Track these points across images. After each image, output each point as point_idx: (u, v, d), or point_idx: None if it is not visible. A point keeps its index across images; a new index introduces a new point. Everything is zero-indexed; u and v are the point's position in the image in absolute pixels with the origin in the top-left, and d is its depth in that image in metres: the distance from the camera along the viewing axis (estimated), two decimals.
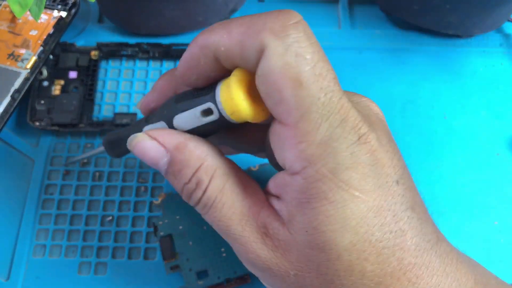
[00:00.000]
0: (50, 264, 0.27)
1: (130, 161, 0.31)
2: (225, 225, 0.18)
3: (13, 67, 0.30)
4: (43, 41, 0.31)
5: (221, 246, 0.26)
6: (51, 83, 0.32)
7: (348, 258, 0.16)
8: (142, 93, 0.33)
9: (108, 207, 0.29)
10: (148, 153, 0.19)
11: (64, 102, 0.31)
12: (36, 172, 0.30)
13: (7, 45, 0.31)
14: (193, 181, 0.18)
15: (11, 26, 0.32)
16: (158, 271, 0.27)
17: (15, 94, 0.29)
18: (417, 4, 0.33)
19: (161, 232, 0.27)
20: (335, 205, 0.16)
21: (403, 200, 0.17)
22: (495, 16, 0.33)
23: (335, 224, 0.16)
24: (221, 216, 0.18)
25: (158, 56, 0.34)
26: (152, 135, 0.19)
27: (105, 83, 0.33)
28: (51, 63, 0.33)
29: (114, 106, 0.32)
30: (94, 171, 0.30)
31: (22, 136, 0.31)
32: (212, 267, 0.26)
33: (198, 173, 0.18)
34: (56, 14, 0.32)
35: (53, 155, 0.31)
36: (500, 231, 0.29)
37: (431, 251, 0.17)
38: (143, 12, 0.33)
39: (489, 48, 0.35)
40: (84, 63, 0.33)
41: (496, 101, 0.33)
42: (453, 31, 0.35)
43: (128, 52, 0.34)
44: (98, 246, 0.28)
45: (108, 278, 0.27)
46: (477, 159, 0.31)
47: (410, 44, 0.35)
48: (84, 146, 0.31)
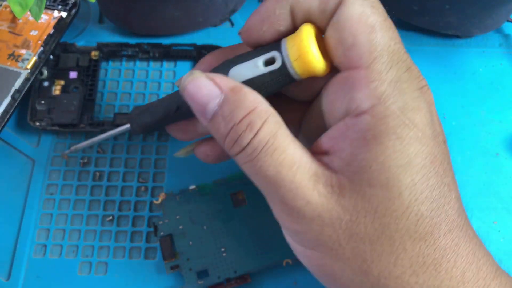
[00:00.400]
0: (50, 264, 0.27)
1: (130, 161, 0.31)
2: (275, 172, 0.18)
3: (14, 67, 0.30)
4: (43, 42, 0.31)
5: (221, 246, 0.26)
6: (51, 83, 0.32)
7: (407, 198, 0.17)
8: (142, 93, 0.33)
9: (108, 207, 0.29)
10: (201, 91, 0.18)
11: (64, 102, 0.31)
12: (37, 172, 0.30)
13: (7, 45, 0.31)
14: (244, 122, 0.18)
15: (12, 27, 0.32)
16: (158, 271, 0.27)
17: (15, 94, 0.29)
18: (416, 5, 0.33)
19: (161, 232, 0.27)
20: (402, 141, 0.16)
21: (448, 160, 0.18)
22: (495, 16, 0.33)
23: (401, 159, 0.16)
24: (271, 160, 0.18)
25: (158, 57, 0.34)
26: (209, 75, 0.19)
27: (105, 83, 0.33)
28: (52, 63, 0.33)
29: (115, 106, 0.32)
30: (94, 171, 0.30)
31: (22, 136, 0.31)
32: (212, 267, 0.26)
33: (251, 115, 0.18)
34: (57, 14, 0.32)
35: (53, 155, 0.31)
36: (500, 231, 0.29)
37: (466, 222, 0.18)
38: (143, 12, 0.33)
39: (488, 48, 0.35)
40: (84, 63, 0.33)
41: (495, 101, 0.33)
42: (452, 31, 0.35)
43: (129, 52, 0.34)
44: (98, 246, 0.28)
45: (108, 278, 0.27)
46: (477, 159, 0.31)
47: (410, 44, 0.35)
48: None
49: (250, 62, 0.19)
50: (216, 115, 0.18)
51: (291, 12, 0.19)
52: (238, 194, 0.28)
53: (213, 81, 0.18)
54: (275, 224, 0.27)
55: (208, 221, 0.27)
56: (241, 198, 0.28)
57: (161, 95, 0.33)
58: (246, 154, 0.18)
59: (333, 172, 0.18)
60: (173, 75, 0.34)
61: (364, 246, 0.17)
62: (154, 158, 0.31)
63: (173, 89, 0.33)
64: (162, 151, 0.31)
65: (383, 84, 0.17)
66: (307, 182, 0.17)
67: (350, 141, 0.17)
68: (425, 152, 0.17)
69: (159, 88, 0.33)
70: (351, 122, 0.17)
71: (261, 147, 0.18)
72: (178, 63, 0.34)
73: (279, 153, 0.18)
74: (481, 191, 0.30)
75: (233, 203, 0.28)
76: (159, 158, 0.31)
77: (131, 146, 0.31)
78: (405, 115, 0.17)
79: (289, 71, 0.19)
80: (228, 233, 0.27)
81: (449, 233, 0.17)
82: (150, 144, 0.31)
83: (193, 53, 0.34)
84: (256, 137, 0.18)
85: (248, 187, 0.28)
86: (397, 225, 0.17)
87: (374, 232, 0.17)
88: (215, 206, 0.27)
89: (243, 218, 0.27)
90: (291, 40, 0.19)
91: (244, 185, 0.28)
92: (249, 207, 0.27)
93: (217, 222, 0.27)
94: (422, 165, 0.17)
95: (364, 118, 0.17)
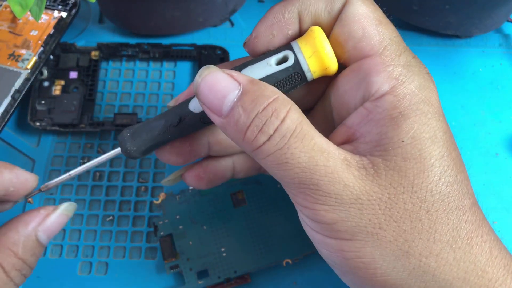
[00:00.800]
0: (50, 264, 0.27)
1: (130, 161, 0.31)
2: (308, 157, 0.17)
3: (14, 67, 0.30)
4: (43, 42, 0.31)
5: (221, 246, 0.26)
6: (51, 83, 0.32)
7: (438, 169, 0.17)
8: (142, 93, 0.33)
9: (108, 207, 0.29)
10: (219, 83, 0.18)
11: (64, 102, 0.31)
12: (37, 172, 0.30)
13: (7, 45, 0.31)
14: (268, 109, 0.17)
15: (12, 27, 0.32)
16: (158, 271, 0.27)
17: (15, 94, 0.29)
18: (416, 5, 0.33)
19: (161, 232, 0.27)
20: (426, 115, 0.18)
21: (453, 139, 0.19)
22: (495, 16, 0.33)
23: (428, 132, 0.18)
24: (303, 146, 0.17)
25: (158, 57, 0.34)
26: (225, 70, 0.18)
27: (105, 83, 0.33)
28: (52, 63, 0.33)
29: (115, 106, 0.32)
30: (94, 171, 0.30)
31: (22, 136, 0.31)
32: (212, 267, 0.26)
33: (275, 102, 0.17)
34: (57, 14, 0.32)
35: (53, 155, 0.31)
36: (500, 231, 0.29)
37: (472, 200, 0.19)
38: (143, 13, 0.33)
39: (488, 48, 0.35)
40: (84, 64, 0.33)
41: (495, 101, 0.33)
42: (452, 31, 0.35)
43: (129, 52, 0.34)
44: (98, 246, 0.28)
45: (108, 278, 0.27)
46: (477, 159, 0.31)
47: (410, 44, 0.35)
48: (85, 146, 0.31)
49: (262, 62, 0.19)
50: (235, 107, 0.18)
51: (299, 16, 0.20)
52: (238, 194, 0.28)
53: (230, 75, 0.18)
54: (275, 224, 0.27)
55: (208, 221, 0.27)
56: (241, 198, 0.28)
57: (161, 95, 0.33)
58: (274, 143, 0.17)
59: (362, 156, 0.18)
60: (173, 75, 0.34)
61: (404, 225, 0.17)
62: (154, 158, 0.31)
63: (173, 89, 0.33)
64: None
65: (398, 67, 0.18)
66: (340, 165, 0.17)
67: (376, 122, 0.18)
68: (443, 128, 0.18)
69: (159, 88, 0.33)
70: (373, 105, 0.18)
71: (290, 133, 0.17)
72: (178, 63, 0.34)
73: (309, 139, 0.17)
74: (481, 191, 0.30)
75: (233, 203, 0.28)
76: (159, 158, 0.31)
77: None
78: (422, 93, 0.18)
79: (303, 68, 0.19)
80: (228, 233, 0.27)
81: (472, 207, 0.18)
82: None
83: (193, 53, 0.34)
84: (283, 124, 0.17)
85: (248, 187, 0.28)
86: (433, 198, 0.17)
87: (412, 208, 0.17)
88: (215, 206, 0.27)
89: (243, 218, 0.27)
90: (303, 40, 0.19)
91: (244, 185, 0.28)
92: (249, 207, 0.27)
93: (217, 222, 0.27)
94: (444, 139, 0.18)
95: (387, 98, 0.18)
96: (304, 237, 0.20)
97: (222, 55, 0.33)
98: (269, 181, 0.28)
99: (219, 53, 0.34)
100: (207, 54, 0.34)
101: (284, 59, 0.19)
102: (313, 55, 0.19)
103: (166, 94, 0.33)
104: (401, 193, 0.17)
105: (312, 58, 0.19)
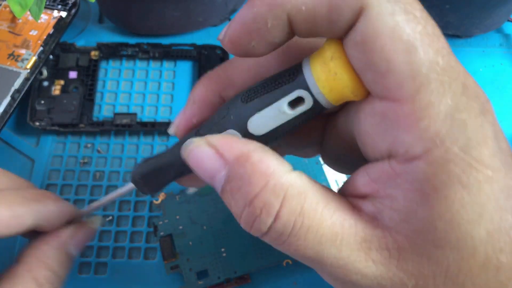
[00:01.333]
0: None
1: (129, 161, 0.31)
2: (314, 252, 0.15)
3: (13, 67, 0.30)
4: (43, 41, 0.31)
5: (221, 246, 0.26)
6: (51, 83, 0.32)
7: (484, 252, 0.14)
8: (142, 93, 0.33)
9: (108, 207, 0.29)
10: (204, 164, 0.16)
11: (64, 102, 0.31)
12: (36, 172, 0.30)
13: (7, 45, 0.31)
14: (256, 204, 0.14)
15: (11, 26, 0.32)
16: (158, 271, 0.27)
17: (15, 94, 0.29)
18: None
19: (161, 232, 0.27)
20: (470, 190, 0.13)
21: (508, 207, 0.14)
22: (495, 16, 0.33)
23: (472, 213, 0.13)
24: (307, 243, 0.14)
25: (158, 56, 0.34)
26: (212, 141, 0.16)
27: (105, 83, 0.33)
28: (51, 63, 0.33)
29: (114, 106, 0.32)
30: (94, 171, 0.30)
31: (22, 136, 0.31)
32: (212, 267, 0.26)
33: (263, 193, 0.14)
34: (56, 14, 0.32)
35: (53, 155, 0.31)
36: None
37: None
38: (143, 12, 0.33)
39: (489, 48, 0.35)
40: (84, 63, 0.33)
41: (496, 101, 0.33)
42: (453, 31, 0.35)
43: (128, 52, 0.34)
44: (98, 246, 0.28)
45: (108, 278, 0.27)
46: None
47: None
48: (84, 146, 0.31)
49: (272, 107, 0.15)
50: (224, 191, 0.15)
51: (289, 22, 0.14)
52: None
53: (216, 150, 0.15)
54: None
55: (208, 221, 0.27)
56: None
57: (161, 95, 0.33)
58: (271, 239, 0.15)
59: (385, 230, 0.14)
60: (172, 75, 0.34)
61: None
62: None
63: (172, 89, 0.33)
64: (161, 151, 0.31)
65: (436, 121, 0.13)
66: (357, 254, 0.14)
67: (403, 192, 0.14)
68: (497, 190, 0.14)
69: (159, 88, 0.33)
70: (401, 168, 0.14)
71: (288, 231, 0.14)
72: (178, 63, 0.34)
73: (314, 232, 0.14)
74: None
75: None
76: None
77: (131, 146, 0.31)
78: (470, 155, 0.13)
79: (324, 106, 0.15)
80: (228, 233, 0.27)
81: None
82: (149, 144, 0.31)
83: (193, 53, 0.34)
84: (277, 221, 0.14)
85: None
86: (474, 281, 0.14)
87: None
88: (215, 206, 0.27)
89: None
90: (317, 65, 0.15)
91: None
92: None
93: (217, 222, 0.27)
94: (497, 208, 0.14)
95: (418, 166, 0.13)
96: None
97: (222, 55, 0.33)
98: None
99: (219, 53, 0.34)
100: (207, 54, 0.34)
101: (299, 100, 0.15)
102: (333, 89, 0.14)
103: (166, 94, 0.33)
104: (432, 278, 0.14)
105: (333, 92, 0.14)
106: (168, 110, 0.32)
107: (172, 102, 0.33)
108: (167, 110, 0.32)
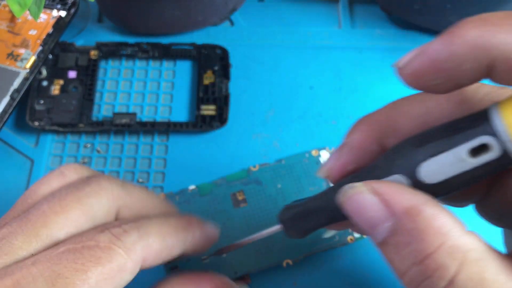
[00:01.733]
0: None
1: (129, 161, 0.30)
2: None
3: (12, 66, 0.30)
4: (42, 41, 0.31)
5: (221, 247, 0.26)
6: (50, 83, 0.32)
7: None
8: (142, 92, 0.33)
9: None
10: (365, 211, 0.15)
11: (63, 102, 0.31)
12: (36, 172, 0.30)
13: (6, 44, 0.31)
14: (429, 264, 0.13)
15: (10, 26, 0.32)
16: (158, 271, 0.27)
17: (14, 94, 0.29)
18: (417, 4, 0.33)
19: None
20: None
21: None
22: None
23: None
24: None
25: (157, 56, 0.34)
26: (376, 188, 0.15)
27: (104, 83, 0.33)
28: (51, 62, 0.33)
29: (114, 106, 0.32)
30: None
31: (21, 136, 0.31)
32: (212, 267, 0.26)
33: (438, 255, 0.13)
34: (56, 13, 0.32)
35: (52, 154, 0.31)
36: (500, 230, 0.29)
37: None
38: (143, 12, 0.33)
39: None
40: (83, 63, 0.33)
41: None
42: None
43: (128, 51, 0.34)
44: None
45: None
46: None
47: (411, 43, 0.35)
48: (84, 146, 0.31)
49: (449, 153, 0.14)
50: (386, 243, 0.14)
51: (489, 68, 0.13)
52: (238, 194, 0.28)
53: (381, 199, 0.14)
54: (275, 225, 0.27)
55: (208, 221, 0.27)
56: (241, 198, 0.28)
57: (161, 95, 0.33)
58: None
59: None
60: (172, 74, 0.34)
61: None
62: (153, 158, 0.31)
63: (172, 88, 0.33)
64: (161, 151, 0.31)
65: None
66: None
67: None
68: None
69: (159, 88, 0.33)
70: None
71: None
72: (177, 63, 0.34)
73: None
74: None
75: (233, 203, 0.28)
76: (158, 158, 0.31)
77: (130, 146, 0.31)
78: None
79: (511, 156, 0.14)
80: (228, 233, 0.27)
81: None
82: (149, 144, 0.31)
83: (193, 52, 0.34)
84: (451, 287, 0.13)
85: (248, 187, 0.28)
86: None
87: None
88: (215, 206, 0.27)
89: (243, 218, 0.27)
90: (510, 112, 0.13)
91: (244, 185, 0.28)
92: (249, 207, 0.27)
93: (217, 222, 0.27)
94: None
95: None
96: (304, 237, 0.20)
97: (222, 55, 0.33)
98: (269, 181, 0.28)
99: (219, 53, 0.33)
100: (207, 53, 0.34)
101: (482, 147, 0.14)
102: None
103: (166, 94, 0.33)
104: None
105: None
106: (168, 109, 0.32)
107: (171, 102, 0.33)
108: (166, 109, 0.32)
